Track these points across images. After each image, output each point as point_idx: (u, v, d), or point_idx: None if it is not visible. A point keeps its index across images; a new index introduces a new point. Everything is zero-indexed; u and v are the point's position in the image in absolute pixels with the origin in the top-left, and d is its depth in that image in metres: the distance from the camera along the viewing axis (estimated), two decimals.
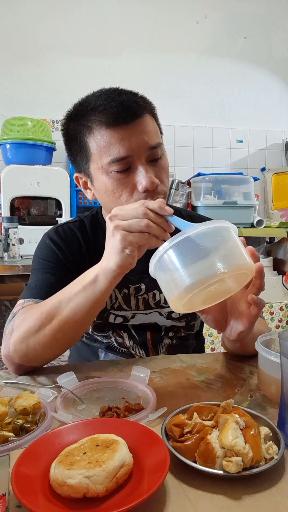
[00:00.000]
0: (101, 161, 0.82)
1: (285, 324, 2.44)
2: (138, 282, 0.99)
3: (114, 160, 0.80)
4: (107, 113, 0.80)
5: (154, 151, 0.83)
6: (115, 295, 0.98)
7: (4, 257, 2.05)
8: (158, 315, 0.99)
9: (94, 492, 0.45)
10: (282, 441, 0.54)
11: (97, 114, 0.81)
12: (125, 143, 0.80)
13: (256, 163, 3.02)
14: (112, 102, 0.81)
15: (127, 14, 2.68)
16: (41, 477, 0.49)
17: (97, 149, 0.82)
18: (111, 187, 0.83)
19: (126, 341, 1.00)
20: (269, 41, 2.95)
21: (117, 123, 0.80)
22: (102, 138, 0.81)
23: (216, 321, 0.77)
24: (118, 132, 0.80)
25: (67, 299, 0.77)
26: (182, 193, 2.57)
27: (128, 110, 0.80)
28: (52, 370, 0.87)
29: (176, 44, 2.79)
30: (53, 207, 2.32)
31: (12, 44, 2.54)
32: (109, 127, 0.80)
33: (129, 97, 0.83)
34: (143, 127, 0.82)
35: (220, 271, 0.57)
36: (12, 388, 0.78)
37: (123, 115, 0.80)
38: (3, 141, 2.24)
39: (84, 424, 0.58)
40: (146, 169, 0.81)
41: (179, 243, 0.59)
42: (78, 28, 2.62)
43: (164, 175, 0.86)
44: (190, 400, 0.69)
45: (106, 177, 0.83)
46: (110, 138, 0.80)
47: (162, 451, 0.50)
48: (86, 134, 0.83)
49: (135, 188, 0.82)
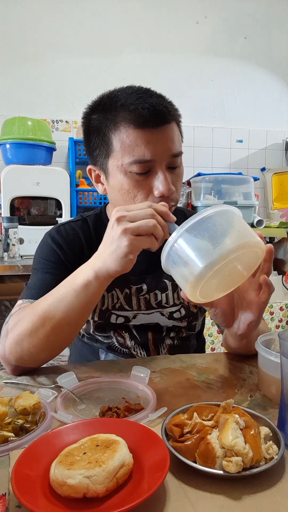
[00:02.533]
0: (122, 159, 0.82)
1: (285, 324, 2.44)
2: (139, 282, 0.99)
3: (137, 161, 0.80)
4: (137, 113, 0.80)
5: (175, 159, 0.84)
6: (116, 295, 0.98)
7: (4, 257, 2.05)
8: (160, 315, 0.99)
9: (94, 492, 0.45)
10: (282, 441, 0.54)
11: (127, 112, 0.81)
12: (151, 147, 0.80)
13: (256, 163, 3.02)
14: (143, 103, 0.80)
15: (127, 14, 2.68)
16: (41, 477, 0.49)
17: (121, 147, 0.82)
18: (127, 187, 0.83)
19: (127, 341, 1.00)
20: (269, 41, 2.95)
21: (146, 125, 0.80)
22: (128, 137, 0.81)
23: (225, 315, 0.77)
24: (146, 135, 0.80)
25: (59, 302, 0.77)
26: (182, 193, 2.57)
27: (158, 114, 0.80)
28: (52, 370, 0.87)
29: (176, 44, 2.79)
30: (53, 207, 2.32)
31: (12, 44, 2.54)
32: (137, 128, 0.80)
33: (159, 101, 0.82)
34: (169, 134, 0.82)
35: (233, 247, 0.58)
36: (12, 388, 0.78)
37: (153, 118, 0.80)
38: (3, 141, 2.24)
39: (84, 424, 0.58)
40: (165, 176, 0.81)
41: (188, 229, 0.60)
42: (78, 28, 2.62)
43: (179, 184, 0.88)
44: (190, 400, 0.69)
45: (124, 176, 0.83)
46: (136, 139, 0.80)
47: (162, 451, 0.51)
48: (112, 129, 0.83)
49: (151, 192, 0.82)
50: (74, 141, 2.41)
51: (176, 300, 1.00)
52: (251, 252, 0.63)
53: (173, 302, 1.00)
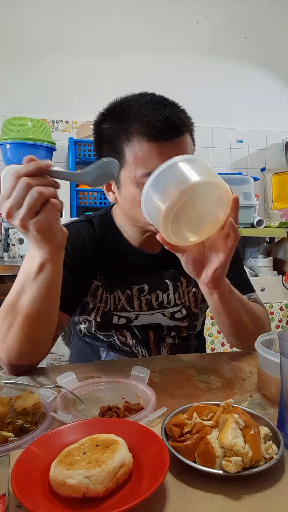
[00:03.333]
0: (135, 171, 0.81)
1: (285, 324, 2.44)
2: (141, 282, 0.99)
3: (149, 174, 0.78)
4: (151, 126, 0.79)
5: None
6: (118, 296, 0.98)
7: (4, 257, 2.05)
8: (161, 316, 1.00)
9: (94, 492, 0.45)
10: (281, 441, 0.54)
11: (140, 124, 0.80)
12: (164, 159, 0.77)
13: (256, 163, 3.02)
14: (157, 115, 0.79)
15: (127, 14, 2.68)
16: (41, 477, 0.49)
17: (134, 159, 0.81)
18: (139, 198, 0.80)
19: (128, 340, 1.00)
20: (269, 41, 2.95)
21: (160, 138, 0.79)
22: (141, 149, 0.80)
23: (195, 263, 0.76)
24: (159, 147, 0.79)
25: (20, 293, 0.76)
26: None
27: (172, 127, 0.79)
28: (52, 370, 0.87)
29: (176, 44, 2.79)
30: None
31: (12, 44, 2.54)
32: (151, 141, 0.79)
33: (173, 112, 0.82)
34: (183, 146, 0.81)
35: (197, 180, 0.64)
36: (12, 388, 0.78)
37: (167, 131, 0.79)
38: (3, 141, 2.24)
39: (84, 424, 0.58)
40: None
41: (158, 176, 0.65)
42: (78, 29, 2.62)
43: None
44: (190, 400, 0.70)
45: (136, 187, 0.82)
46: (149, 152, 0.79)
47: (162, 451, 0.51)
48: (124, 140, 0.82)
49: None
50: (74, 141, 2.41)
51: (177, 300, 1.00)
52: (217, 193, 0.67)
53: (174, 302, 1.00)
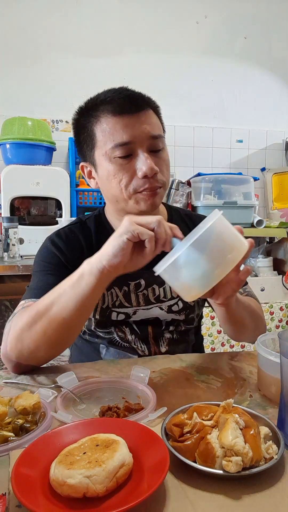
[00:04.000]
0: (105, 146, 0.88)
1: (285, 324, 2.44)
2: (137, 277, 1.00)
3: (117, 144, 0.86)
4: (114, 103, 0.87)
5: (155, 141, 0.89)
6: (115, 293, 1.00)
7: (4, 257, 2.05)
8: (159, 310, 1.01)
9: (94, 491, 0.45)
10: (281, 441, 0.54)
11: (105, 105, 0.88)
12: (128, 130, 0.86)
13: (256, 163, 3.02)
14: (119, 95, 0.88)
15: (127, 14, 2.68)
16: (41, 477, 0.49)
17: (103, 135, 0.88)
18: (113, 172, 0.88)
19: (128, 336, 1.02)
20: (269, 41, 2.95)
21: (123, 112, 0.86)
22: (108, 125, 0.87)
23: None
24: (123, 120, 0.86)
25: (58, 296, 0.79)
26: (182, 193, 2.56)
27: (134, 102, 0.87)
28: (52, 370, 0.87)
29: (176, 44, 2.79)
30: (53, 207, 2.32)
31: (12, 44, 2.54)
32: (115, 115, 0.87)
33: (135, 92, 0.90)
34: (146, 118, 0.88)
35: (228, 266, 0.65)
36: (12, 388, 0.78)
37: (129, 105, 0.87)
38: (3, 141, 2.24)
39: (84, 424, 0.58)
40: (146, 156, 0.86)
41: (193, 244, 0.63)
42: (78, 28, 2.62)
43: (164, 167, 0.91)
44: (190, 400, 0.70)
45: (109, 162, 0.88)
46: (115, 125, 0.86)
47: (162, 450, 0.51)
48: (94, 123, 0.90)
49: (135, 174, 0.87)
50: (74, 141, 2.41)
51: (173, 293, 1.02)
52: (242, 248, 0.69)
53: (170, 295, 1.02)
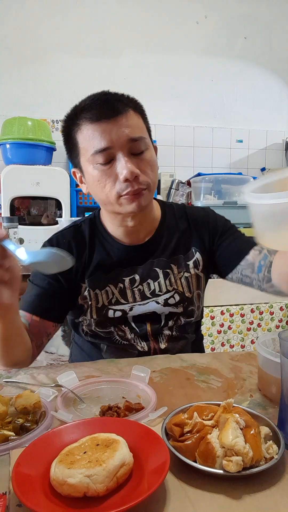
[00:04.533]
0: (87, 153, 0.90)
1: (285, 324, 2.43)
2: (131, 273, 1.02)
3: (97, 151, 0.88)
4: (92, 110, 0.88)
5: (135, 143, 0.89)
6: (111, 291, 1.01)
7: None
8: (155, 304, 1.02)
9: (95, 491, 0.45)
10: (282, 441, 0.54)
11: (85, 112, 0.89)
12: (106, 136, 0.87)
13: (256, 163, 3.02)
14: (97, 101, 0.89)
15: (127, 14, 2.68)
16: (42, 476, 0.49)
17: (84, 143, 0.90)
18: (97, 178, 0.90)
19: (127, 334, 1.02)
20: (269, 41, 2.95)
21: (100, 118, 0.87)
22: (87, 132, 0.89)
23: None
24: (101, 126, 0.87)
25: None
26: (182, 193, 2.56)
27: (111, 107, 0.88)
28: (52, 370, 0.87)
29: (176, 44, 2.78)
30: (53, 207, 2.32)
31: (12, 44, 2.54)
32: (93, 122, 0.88)
33: (114, 96, 0.91)
34: (125, 122, 0.88)
35: None
36: (13, 387, 0.78)
37: (106, 111, 0.87)
38: (3, 141, 2.24)
39: (85, 424, 0.58)
40: (126, 160, 0.87)
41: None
42: (78, 28, 2.62)
43: (148, 168, 0.92)
44: (190, 400, 0.70)
45: (93, 168, 0.90)
46: (93, 132, 0.88)
47: (162, 450, 0.51)
48: (76, 131, 0.91)
49: (117, 178, 0.89)
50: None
51: (168, 286, 1.02)
52: None
53: (166, 289, 1.02)
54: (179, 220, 1.08)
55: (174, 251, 1.04)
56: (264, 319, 2.35)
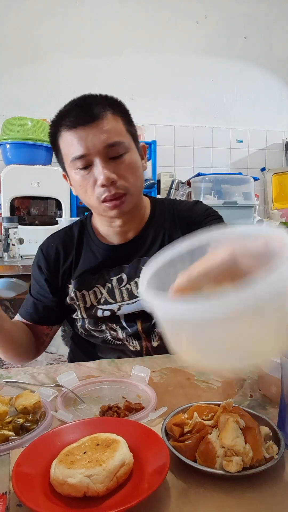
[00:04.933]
0: (68, 159, 0.91)
1: None
2: (118, 273, 1.02)
3: (74, 158, 0.89)
4: (69, 116, 0.89)
5: (112, 148, 0.89)
6: (99, 291, 1.02)
7: (4, 257, 2.05)
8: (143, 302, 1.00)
9: (95, 491, 0.45)
10: (282, 441, 0.54)
11: (64, 119, 0.90)
12: (82, 143, 0.88)
13: (256, 163, 3.02)
14: (74, 107, 0.90)
15: (127, 14, 2.68)
16: (42, 476, 0.49)
17: (65, 149, 0.92)
18: (79, 183, 0.92)
19: (119, 333, 1.03)
20: (269, 41, 2.95)
21: (76, 125, 0.88)
22: (66, 139, 0.90)
23: None
24: (77, 133, 0.88)
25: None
26: (182, 193, 2.56)
27: (87, 113, 0.88)
28: (52, 369, 0.87)
29: (176, 44, 2.78)
30: (53, 207, 2.32)
31: (12, 44, 2.54)
32: (71, 128, 0.89)
33: (92, 100, 0.90)
34: (100, 128, 0.88)
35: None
36: (13, 387, 0.78)
37: (82, 117, 0.88)
38: (3, 141, 2.24)
39: (85, 424, 0.58)
40: (102, 166, 0.88)
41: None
42: (78, 28, 2.62)
43: (128, 172, 0.92)
44: (190, 400, 0.70)
45: (74, 173, 0.92)
46: (71, 139, 0.89)
47: (163, 450, 0.51)
48: (58, 137, 0.93)
49: (96, 183, 0.90)
50: None
51: None
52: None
53: None
54: (166, 217, 1.06)
55: (160, 248, 1.02)
56: None
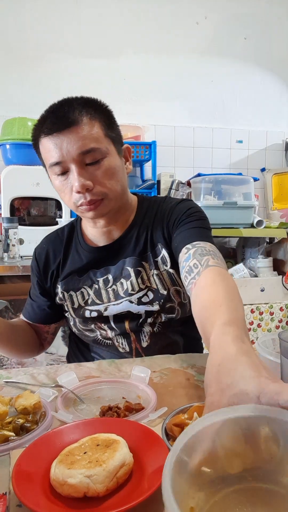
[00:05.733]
0: (47, 164, 0.92)
1: (285, 324, 2.44)
2: (105, 274, 1.03)
3: (51, 164, 0.90)
4: (46, 123, 0.89)
5: (88, 155, 0.88)
6: (87, 292, 1.03)
7: (4, 258, 2.05)
8: (129, 303, 1.01)
9: (95, 491, 0.45)
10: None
11: (43, 124, 0.90)
12: (57, 150, 0.88)
13: (256, 163, 3.02)
14: (50, 114, 0.89)
15: (127, 15, 2.68)
16: (42, 477, 0.49)
17: (44, 154, 0.92)
18: (58, 187, 0.94)
19: (109, 333, 1.03)
20: (269, 41, 2.95)
21: (52, 131, 0.87)
22: (45, 145, 0.90)
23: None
24: (53, 140, 0.88)
25: None
26: (182, 193, 2.56)
27: (62, 119, 0.87)
28: (52, 370, 0.87)
29: (176, 44, 2.79)
30: (53, 207, 2.32)
31: (12, 44, 2.54)
32: (47, 135, 0.88)
33: (68, 105, 0.89)
34: (75, 134, 0.87)
35: None
36: (13, 387, 0.78)
37: (58, 123, 0.87)
38: (3, 141, 2.24)
39: (85, 424, 0.58)
40: (78, 172, 0.88)
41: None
42: (78, 29, 2.62)
43: (105, 177, 0.90)
44: (190, 400, 0.70)
45: (54, 179, 0.94)
46: (48, 145, 0.89)
47: (163, 450, 0.51)
48: (39, 143, 0.93)
49: (72, 190, 0.90)
50: None
51: (141, 285, 1.00)
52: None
53: (138, 287, 1.00)
54: (151, 215, 1.04)
55: (144, 248, 1.01)
56: (264, 320, 2.35)
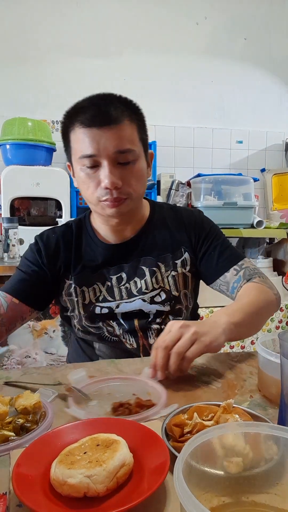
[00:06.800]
0: (76, 154, 0.93)
1: (285, 324, 2.43)
2: (118, 271, 1.03)
3: (83, 156, 0.91)
4: (86, 114, 0.89)
5: (123, 155, 0.90)
6: (98, 289, 1.03)
7: (4, 258, 2.05)
8: (142, 302, 1.02)
9: (95, 491, 0.45)
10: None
11: (80, 114, 0.90)
12: (94, 143, 0.89)
13: (256, 164, 3.02)
14: (93, 106, 0.90)
15: (127, 15, 2.68)
16: (42, 477, 0.49)
17: (75, 144, 0.93)
18: (82, 179, 0.94)
19: (116, 330, 1.04)
20: (269, 42, 2.96)
21: (91, 124, 0.88)
22: (78, 135, 0.91)
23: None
24: (91, 132, 0.89)
25: None
26: (182, 193, 2.56)
27: (104, 115, 0.88)
28: (52, 370, 0.87)
29: (176, 45, 2.79)
30: (53, 207, 2.32)
31: (12, 44, 2.54)
32: (85, 126, 0.89)
33: (111, 101, 0.91)
34: (115, 132, 0.89)
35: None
36: (13, 387, 0.78)
37: (99, 118, 0.88)
38: (3, 141, 2.24)
39: (85, 424, 0.58)
40: (110, 170, 0.89)
41: None
42: (78, 29, 2.62)
43: (133, 179, 0.93)
44: (190, 400, 0.70)
45: (80, 169, 0.94)
46: (83, 136, 0.90)
47: (163, 451, 0.51)
48: (70, 130, 0.94)
49: (99, 184, 0.91)
50: None
51: (155, 284, 1.03)
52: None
53: (152, 287, 1.03)
54: (168, 219, 1.09)
55: (162, 249, 1.05)
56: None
